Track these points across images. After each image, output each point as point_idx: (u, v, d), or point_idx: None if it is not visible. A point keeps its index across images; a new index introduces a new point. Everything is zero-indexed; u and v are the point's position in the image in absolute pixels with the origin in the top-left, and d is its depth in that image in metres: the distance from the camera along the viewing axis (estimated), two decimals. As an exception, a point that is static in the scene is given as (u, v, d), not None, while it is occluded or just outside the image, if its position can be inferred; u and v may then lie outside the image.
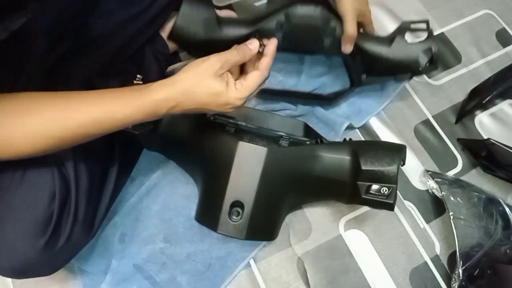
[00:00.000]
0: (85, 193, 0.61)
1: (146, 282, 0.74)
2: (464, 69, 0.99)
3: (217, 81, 0.54)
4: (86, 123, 0.50)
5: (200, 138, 0.70)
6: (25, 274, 0.59)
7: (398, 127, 0.91)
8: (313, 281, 0.76)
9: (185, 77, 0.54)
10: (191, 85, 0.53)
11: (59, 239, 0.57)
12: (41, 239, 0.55)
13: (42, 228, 0.56)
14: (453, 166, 0.89)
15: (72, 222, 0.59)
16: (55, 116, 0.49)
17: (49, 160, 0.58)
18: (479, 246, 0.75)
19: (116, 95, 0.52)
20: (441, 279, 0.79)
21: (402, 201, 0.84)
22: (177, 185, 0.81)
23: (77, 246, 0.63)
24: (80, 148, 0.54)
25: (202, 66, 0.54)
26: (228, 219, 0.65)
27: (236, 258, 0.77)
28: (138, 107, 0.51)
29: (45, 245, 0.55)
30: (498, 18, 1.05)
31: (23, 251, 0.55)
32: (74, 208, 0.59)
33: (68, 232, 0.58)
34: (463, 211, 0.78)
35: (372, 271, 0.78)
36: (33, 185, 0.56)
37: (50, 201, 0.56)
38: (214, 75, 0.54)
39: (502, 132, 0.92)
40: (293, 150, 0.69)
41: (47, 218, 0.56)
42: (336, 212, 0.82)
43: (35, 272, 0.60)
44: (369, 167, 0.67)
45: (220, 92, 0.54)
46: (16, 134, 0.48)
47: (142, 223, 0.78)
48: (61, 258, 0.62)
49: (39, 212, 0.56)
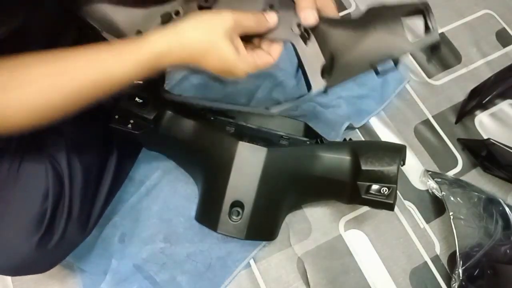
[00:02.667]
0: (80, 190, 0.61)
1: (146, 282, 0.74)
2: (464, 69, 0.99)
3: (228, 45, 0.47)
4: (83, 87, 0.46)
5: (200, 138, 0.70)
6: (20, 271, 0.59)
7: (398, 127, 0.91)
8: (313, 281, 0.76)
9: (191, 29, 0.47)
10: (199, 41, 0.47)
11: (53, 236, 0.58)
12: (35, 236, 0.55)
13: (36, 225, 0.56)
14: (453, 166, 0.89)
15: (66, 219, 0.59)
16: (50, 83, 0.45)
17: (43, 156, 0.57)
18: (479, 246, 0.75)
19: (113, 50, 0.47)
20: (441, 279, 0.79)
21: (402, 201, 0.84)
22: (177, 185, 0.81)
23: (72, 244, 0.63)
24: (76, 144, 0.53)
25: (213, 21, 0.47)
26: (228, 219, 0.65)
27: (236, 258, 0.77)
28: (138, 62, 0.46)
29: (39, 241, 0.55)
30: (498, 18, 1.05)
31: (17, 248, 0.55)
32: (68, 205, 0.59)
33: (62, 229, 0.58)
34: (463, 211, 0.78)
35: (372, 271, 0.78)
36: (27, 182, 0.56)
37: (44, 198, 0.56)
38: (225, 34, 0.47)
39: (502, 132, 0.92)
40: (293, 150, 0.69)
41: (41, 214, 0.56)
42: (336, 212, 0.82)
43: (30, 269, 0.60)
44: (369, 167, 0.67)
45: (230, 59, 0.48)
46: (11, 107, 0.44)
47: (142, 223, 0.78)
48: (56, 255, 0.61)
49: (32, 208, 0.56)
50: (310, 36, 0.55)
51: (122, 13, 0.55)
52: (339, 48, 0.54)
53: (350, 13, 1.04)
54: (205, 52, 0.47)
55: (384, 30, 0.52)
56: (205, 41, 0.47)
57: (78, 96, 0.46)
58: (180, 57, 0.47)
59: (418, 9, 0.52)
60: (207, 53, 0.47)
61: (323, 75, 0.55)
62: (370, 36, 0.52)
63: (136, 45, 0.46)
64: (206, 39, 0.47)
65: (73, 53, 0.46)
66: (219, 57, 0.48)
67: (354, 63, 0.54)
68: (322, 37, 0.54)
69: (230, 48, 0.47)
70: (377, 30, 0.52)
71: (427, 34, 0.52)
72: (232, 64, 0.48)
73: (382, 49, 0.52)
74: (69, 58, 0.46)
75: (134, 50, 0.46)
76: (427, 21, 0.51)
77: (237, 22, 0.48)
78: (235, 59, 0.48)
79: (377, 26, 0.52)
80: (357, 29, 0.53)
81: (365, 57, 0.53)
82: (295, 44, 0.55)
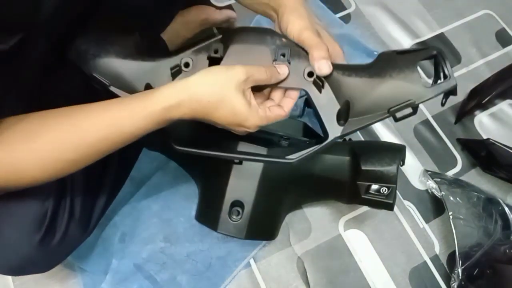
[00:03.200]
0: (82, 189, 0.61)
1: (147, 282, 0.74)
2: (464, 69, 0.99)
3: (240, 98, 0.47)
4: (95, 142, 0.47)
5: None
6: (21, 270, 0.59)
7: (397, 127, 0.91)
8: (313, 281, 0.76)
9: (203, 82, 0.47)
10: (210, 94, 0.47)
11: (55, 235, 0.58)
12: (36, 235, 0.55)
13: (37, 224, 0.56)
14: (453, 166, 0.89)
15: (68, 218, 0.59)
16: (62, 138, 0.46)
17: None
18: (478, 245, 0.76)
19: (123, 105, 0.48)
20: (440, 278, 0.79)
21: (402, 201, 0.84)
22: (177, 185, 0.81)
23: (73, 243, 0.63)
24: None
25: (225, 75, 0.47)
26: (228, 219, 0.65)
27: (236, 257, 0.77)
28: (150, 117, 0.47)
29: (40, 240, 0.55)
30: (498, 18, 1.05)
31: (18, 247, 0.55)
32: (69, 205, 0.59)
33: (63, 228, 0.58)
34: (463, 211, 0.78)
35: (372, 271, 0.78)
36: None
37: (45, 197, 0.56)
38: (237, 88, 0.47)
39: (501, 132, 0.92)
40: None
41: (42, 214, 0.56)
42: (335, 212, 0.82)
43: (31, 269, 0.60)
44: (369, 167, 0.68)
45: (242, 113, 0.48)
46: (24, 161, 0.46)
47: (142, 223, 0.78)
48: (57, 254, 0.61)
49: (34, 208, 0.56)
50: (324, 84, 0.54)
51: (131, 67, 0.54)
52: (355, 95, 0.53)
53: (350, 13, 1.04)
54: (217, 106, 0.47)
55: (401, 78, 0.51)
56: (216, 94, 0.47)
57: (90, 150, 0.48)
58: (191, 109, 0.47)
59: (432, 56, 0.51)
60: (219, 107, 0.48)
61: (339, 121, 0.54)
62: (386, 83, 0.52)
63: (147, 100, 0.47)
64: (218, 92, 0.47)
65: (85, 109, 0.48)
66: (230, 111, 0.48)
67: (370, 110, 0.53)
68: (336, 84, 0.54)
69: (242, 102, 0.48)
70: (393, 78, 0.51)
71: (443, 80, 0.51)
72: (243, 117, 0.48)
73: (400, 97, 0.51)
74: (80, 114, 0.47)
75: (145, 105, 0.47)
76: (443, 67, 0.50)
77: (249, 76, 0.48)
78: (247, 113, 0.48)
79: (393, 74, 0.52)
80: (372, 76, 0.53)
81: (381, 104, 0.52)
82: (308, 92, 0.54)
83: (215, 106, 0.47)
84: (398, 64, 0.52)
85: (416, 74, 0.51)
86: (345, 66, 0.54)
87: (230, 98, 0.47)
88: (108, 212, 0.74)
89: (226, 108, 0.48)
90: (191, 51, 0.54)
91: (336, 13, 1.03)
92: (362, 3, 1.05)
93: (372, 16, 1.04)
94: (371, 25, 1.03)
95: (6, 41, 0.40)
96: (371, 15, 1.04)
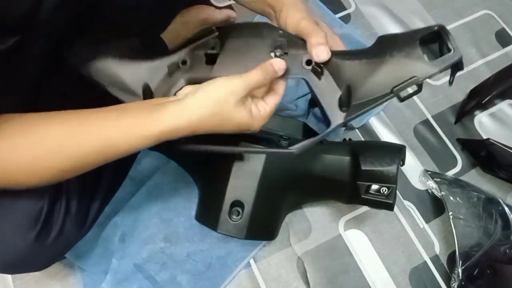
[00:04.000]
0: (78, 186, 0.61)
1: (147, 282, 0.74)
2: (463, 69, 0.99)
3: (241, 111, 0.48)
4: (90, 153, 0.47)
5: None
6: (17, 267, 0.59)
7: (397, 127, 0.91)
8: (313, 281, 0.76)
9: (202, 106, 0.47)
10: (210, 114, 0.47)
11: (51, 232, 0.57)
12: (31, 232, 0.55)
13: (32, 221, 0.55)
14: (453, 166, 0.89)
15: (64, 215, 0.58)
16: (59, 146, 0.46)
17: None
18: (478, 246, 0.76)
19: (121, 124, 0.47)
20: (440, 278, 0.79)
21: (402, 201, 0.84)
22: (177, 185, 0.81)
23: (69, 241, 0.62)
24: None
25: (224, 94, 0.47)
26: (228, 219, 0.65)
27: (236, 257, 0.77)
28: (147, 138, 0.47)
29: (36, 237, 0.55)
30: (497, 18, 1.05)
31: (14, 244, 0.55)
32: (66, 201, 0.59)
33: (59, 225, 0.58)
34: (463, 211, 0.78)
35: (372, 271, 0.79)
36: None
37: (40, 193, 0.56)
38: (237, 104, 0.48)
39: (501, 132, 0.93)
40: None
41: (37, 210, 0.56)
42: (335, 212, 0.82)
43: (27, 266, 0.59)
44: (369, 167, 0.68)
45: (244, 123, 0.49)
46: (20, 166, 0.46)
47: (143, 223, 0.78)
48: (53, 252, 0.61)
49: (29, 204, 0.55)
50: (323, 71, 0.52)
51: (128, 67, 0.54)
52: (356, 79, 0.51)
53: (350, 13, 1.04)
54: (219, 124, 0.48)
55: (402, 55, 0.49)
56: (218, 115, 0.48)
57: (85, 161, 0.48)
58: (190, 131, 0.48)
59: (433, 31, 0.48)
60: (221, 124, 0.49)
61: (341, 107, 0.52)
62: (387, 63, 0.50)
63: (145, 123, 0.47)
64: (219, 113, 0.47)
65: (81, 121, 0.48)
66: (234, 125, 0.49)
67: (373, 92, 0.51)
68: (336, 70, 0.52)
69: (244, 114, 0.49)
70: (394, 57, 0.49)
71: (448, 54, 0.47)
72: (246, 127, 0.50)
73: (402, 75, 0.49)
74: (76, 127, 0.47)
75: (142, 128, 0.47)
76: (447, 42, 0.47)
77: (247, 86, 0.48)
78: (250, 121, 0.49)
79: (393, 52, 0.49)
80: (372, 58, 0.51)
81: (384, 84, 0.50)
82: (308, 80, 0.53)
83: (218, 125, 0.48)
84: (398, 43, 0.50)
85: (418, 51, 0.48)
86: (344, 52, 0.53)
87: (231, 115, 0.48)
88: (108, 212, 0.74)
89: (228, 125, 0.49)
90: (188, 48, 0.54)
91: (336, 13, 1.03)
92: (362, 3, 1.05)
93: (372, 16, 1.04)
94: (371, 25, 1.03)
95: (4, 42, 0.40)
96: (371, 15, 1.04)
